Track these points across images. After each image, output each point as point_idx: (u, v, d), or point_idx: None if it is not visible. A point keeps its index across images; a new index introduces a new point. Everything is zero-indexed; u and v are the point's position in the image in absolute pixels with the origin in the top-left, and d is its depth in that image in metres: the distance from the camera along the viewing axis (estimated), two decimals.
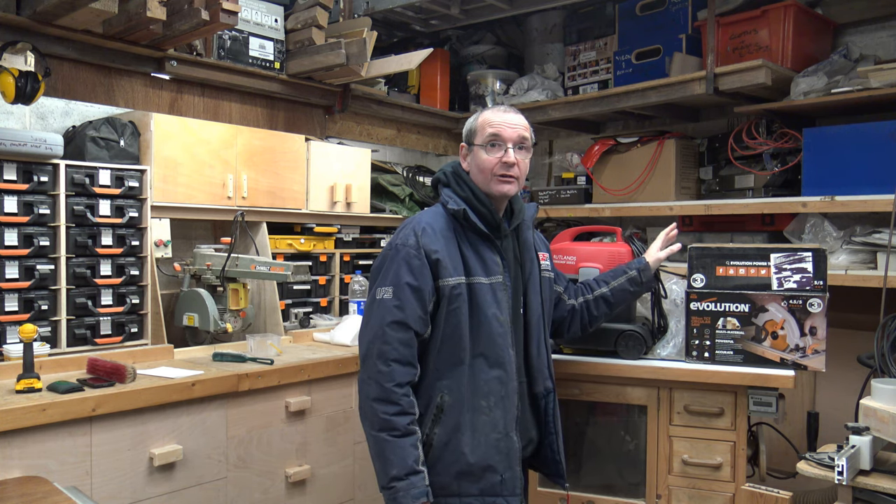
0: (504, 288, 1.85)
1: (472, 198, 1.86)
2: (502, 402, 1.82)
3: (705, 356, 2.28)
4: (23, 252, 2.45)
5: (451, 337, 1.80)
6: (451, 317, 1.79)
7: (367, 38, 3.09)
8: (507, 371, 1.83)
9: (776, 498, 2.12)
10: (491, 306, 1.81)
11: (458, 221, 1.85)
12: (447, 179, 1.92)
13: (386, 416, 1.73)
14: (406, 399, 1.75)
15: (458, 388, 1.80)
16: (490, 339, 1.81)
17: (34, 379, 2.16)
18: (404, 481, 1.71)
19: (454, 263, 1.80)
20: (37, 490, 1.87)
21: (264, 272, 2.90)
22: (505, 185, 1.84)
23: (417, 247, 1.78)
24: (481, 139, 1.85)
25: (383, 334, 1.75)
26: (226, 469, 2.47)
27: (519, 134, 1.85)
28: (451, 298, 1.78)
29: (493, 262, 1.85)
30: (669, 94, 3.19)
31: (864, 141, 2.77)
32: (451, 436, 1.79)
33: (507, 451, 1.82)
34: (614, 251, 2.35)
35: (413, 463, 1.72)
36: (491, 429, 1.81)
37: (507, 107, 1.92)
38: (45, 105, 2.85)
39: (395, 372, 1.74)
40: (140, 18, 2.42)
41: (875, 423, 1.93)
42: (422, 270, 1.77)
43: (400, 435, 1.72)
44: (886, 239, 2.59)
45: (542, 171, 4.32)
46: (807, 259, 2.23)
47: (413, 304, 1.76)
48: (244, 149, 3.08)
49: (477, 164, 1.86)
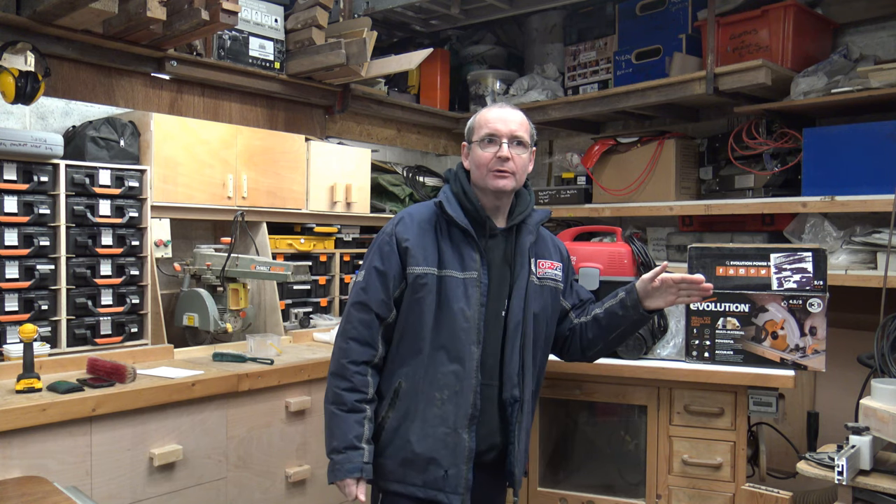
0: (478, 284, 1.82)
1: (460, 193, 1.88)
2: (456, 398, 1.80)
3: (705, 356, 2.28)
4: (23, 252, 2.45)
5: (413, 325, 1.82)
6: (415, 305, 1.81)
7: (367, 38, 3.09)
8: (466, 367, 1.80)
9: (776, 498, 2.13)
10: (459, 300, 1.80)
11: (441, 215, 1.87)
12: (449, 176, 1.97)
13: (337, 391, 1.80)
14: (359, 377, 1.79)
15: (414, 377, 1.81)
16: (453, 333, 1.80)
17: (34, 379, 2.16)
18: (342, 454, 1.76)
19: (426, 253, 1.82)
20: (37, 490, 1.87)
21: (264, 272, 2.90)
22: (500, 179, 1.84)
23: (391, 234, 1.86)
24: (478, 136, 1.87)
25: (348, 314, 1.85)
26: (226, 469, 2.47)
27: (513, 129, 1.85)
28: (416, 287, 1.81)
29: (471, 258, 1.84)
30: (669, 94, 3.19)
31: (864, 141, 2.77)
32: (401, 422, 1.82)
33: (453, 447, 1.80)
34: (614, 251, 2.35)
35: (353, 438, 1.76)
36: (440, 422, 1.80)
37: (507, 104, 1.92)
38: (45, 105, 2.85)
39: (351, 349, 1.80)
40: (140, 18, 2.42)
41: (875, 423, 1.93)
42: (390, 256, 1.83)
43: (346, 410, 1.78)
44: (886, 239, 2.59)
45: (542, 171, 4.32)
46: (807, 259, 2.23)
47: (377, 287, 1.82)
48: (244, 149, 3.08)
49: (474, 161, 1.88)
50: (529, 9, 3.63)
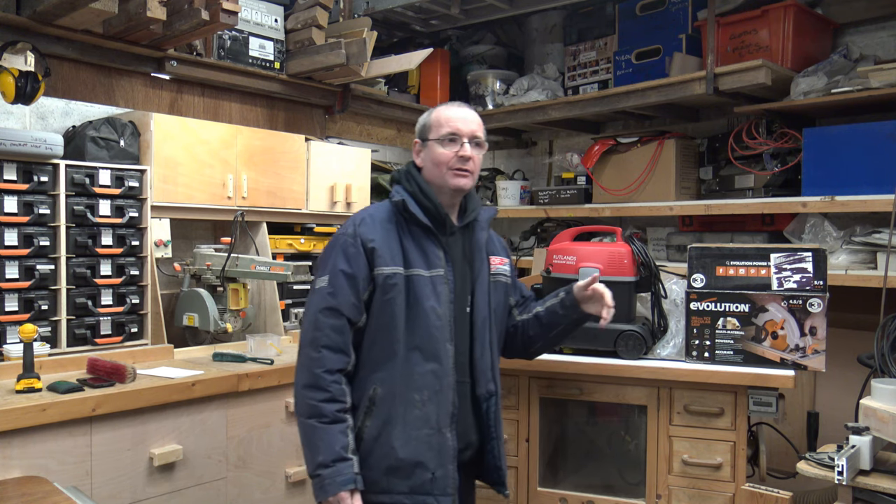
0: (445, 282, 1.82)
1: (417, 191, 1.85)
2: (436, 397, 1.78)
3: (705, 356, 2.28)
4: (23, 252, 2.45)
5: (385, 328, 1.77)
6: (386, 307, 1.77)
7: (367, 38, 3.09)
8: (444, 365, 1.78)
9: (776, 498, 2.12)
10: (429, 299, 1.78)
11: (400, 214, 1.85)
12: (399, 176, 1.93)
13: (314, 403, 1.71)
14: (336, 386, 1.73)
15: (391, 381, 1.76)
16: (427, 332, 1.77)
17: (34, 379, 2.16)
18: (331, 468, 1.69)
19: (391, 253, 1.79)
20: (37, 490, 1.87)
21: (264, 272, 2.90)
22: (461, 178, 1.84)
23: (354, 235, 1.80)
24: (437, 134, 1.85)
25: (316, 321, 1.76)
26: (226, 469, 2.47)
27: (473, 129, 1.86)
28: (386, 288, 1.77)
29: (436, 255, 1.82)
30: (669, 94, 3.19)
31: (864, 141, 2.77)
32: (382, 429, 1.75)
33: (439, 447, 1.77)
34: (614, 251, 2.35)
35: (340, 450, 1.70)
36: (423, 423, 1.76)
37: (461, 103, 1.92)
38: (45, 105, 2.85)
39: (325, 358, 1.73)
40: (140, 18, 2.42)
41: (875, 423, 1.93)
42: (356, 258, 1.77)
43: (328, 422, 1.71)
44: (886, 239, 2.59)
45: (542, 171, 4.32)
46: (807, 259, 2.23)
47: (346, 291, 1.76)
48: (244, 149, 3.08)
49: (432, 159, 1.85)
50: (529, 9, 3.63)
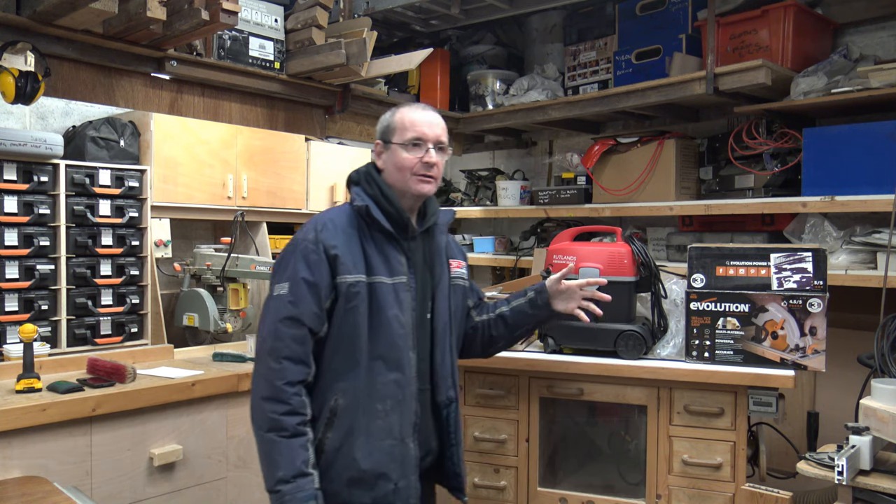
0: (408, 289, 1.79)
1: (379, 196, 1.80)
2: (399, 407, 1.74)
3: (705, 356, 2.28)
4: (23, 252, 2.45)
5: (347, 337, 1.72)
6: (349, 315, 1.72)
7: (367, 38, 3.09)
8: (406, 374, 1.75)
9: (776, 498, 2.12)
10: (392, 307, 1.74)
11: (362, 219, 1.79)
12: (358, 178, 1.87)
13: (274, 416, 1.65)
14: (297, 398, 1.67)
15: (353, 391, 1.72)
16: (389, 341, 1.74)
17: (34, 379, 2.16)
18: (291, 484, 1.63)
19: (354, 260, 1.73)
20: (37, 490, 1.87)
21: (264, 272, 2.90)
22: (425, 184, 1.81)
23: (316, 241, 1.73)
24: (401, 138, 1.80)
25: (276, 330, 1.69)
26: (226, 469, 2.47)
27: (438, 133, 1.83)
28: (349, 296, 1.71)
29: (398, 261, 1.78)
30: (669, 94, 3.19)
31: (864, 141, 2.77)
32: (344, 440, 1.71)
33: (402, 458, 1.74)
34: (614, 251, 2.35)
35: (301, 465, 1.64)
36: (386, 434, 1.73)
37: (425, 105, 1.88)
38: (45, 105, 2.85)
39: (286, 370, 1.67)
40: (140, 18, 2.42)
41: (875, 423, 1.93)
42: (319, 266, 1.71)
43: (289, 436, 1.65)
44: (886, 239, 2.59)
45: (542, 171, 4.32)
46: (807, 259, 2.23)
47: (308, 300, 1.69)
48: (244, 149, 3.08)
49: (395, 163, 1.81)
50: (529, 9, 3.63)
